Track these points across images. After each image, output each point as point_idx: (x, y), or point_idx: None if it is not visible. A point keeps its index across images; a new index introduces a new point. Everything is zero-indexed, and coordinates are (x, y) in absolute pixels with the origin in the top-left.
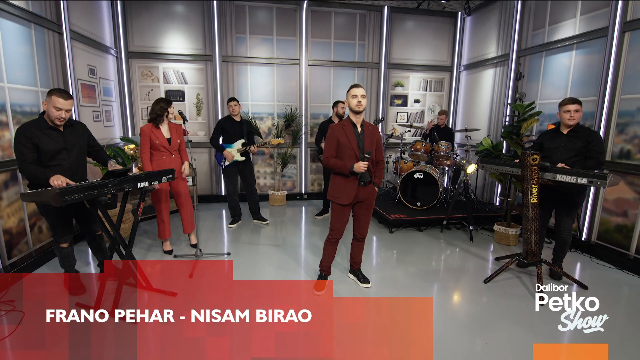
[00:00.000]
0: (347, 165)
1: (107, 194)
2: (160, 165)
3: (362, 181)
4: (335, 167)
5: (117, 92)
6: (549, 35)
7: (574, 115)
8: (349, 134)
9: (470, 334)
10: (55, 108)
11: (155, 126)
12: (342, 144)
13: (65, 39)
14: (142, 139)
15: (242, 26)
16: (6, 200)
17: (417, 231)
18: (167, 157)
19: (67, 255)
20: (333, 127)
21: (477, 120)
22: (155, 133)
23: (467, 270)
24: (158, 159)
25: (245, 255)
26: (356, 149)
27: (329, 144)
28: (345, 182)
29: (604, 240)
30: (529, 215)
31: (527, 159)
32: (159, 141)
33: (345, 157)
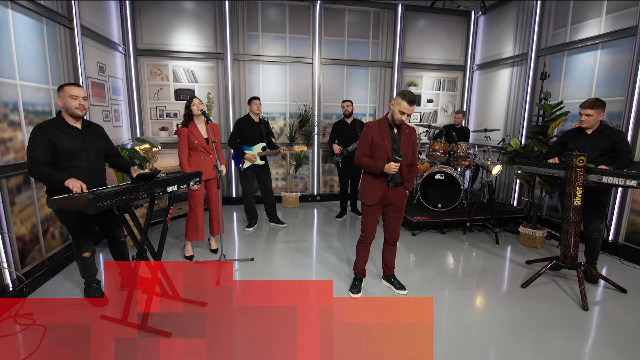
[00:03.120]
0: (379, 164)
1: (139, 199)
2: (198, 166)
3: (393, 182)
4: (367, 166)
5: (125, 91)
6: (571, 35)
7: (584, 120)
8: (384, 134)
9: (520, 341)
10: (72, 97)
11: (184, 125)
12: (376, 143)
13: (76, 35)
14: (180, 139)
15: (254, 23)
16: (19, 205)
17: (439, 233)
18: (205, 157)
19: (89, 265)
20: (369, 125)
21: (492, 120)
22: (194, 132)
23: (501, 274)
24: (196, 159)
25: (270, 260)
26: (389, 151)
27: (363, 142)
28: (373, 182)
29: (632, 241)
30: (570, 218)
31: (573, 160)
32: (198, 141)
33: (377, 157)
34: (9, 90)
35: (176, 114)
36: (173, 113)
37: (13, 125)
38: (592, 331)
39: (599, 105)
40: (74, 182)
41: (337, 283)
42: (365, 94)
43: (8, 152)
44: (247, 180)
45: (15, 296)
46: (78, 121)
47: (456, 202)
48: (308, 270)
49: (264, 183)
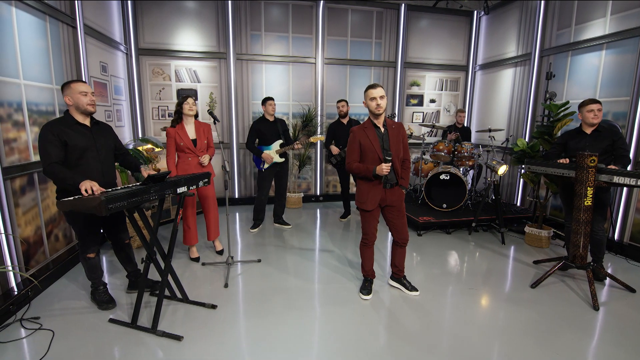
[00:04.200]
0: (370, 168)
1: (150, 200)
2: (185, 168)
3: (389, 184)
4: (358, 172)
5: (127, 91)
6: (575, 35)
7: (597, 114)
8: (371, 136)
9: (534, 342)
10: (82, 93)
11: (172, 126)
12: (364, 147)
13: (79, 33)
14: (167, 140)
15: (257, 23)
16: (22, 207)
17: (444, 234)
18: (193, 159)
19: (94, 266)
20: (354, 130)
21: (494, 120)
22: (180, 134)
23: (510, 275)
24: (184, 161)
25: (276, 261)
26: (380, 151)
27: (351, 148)
28: (369, 186)
29: (638, 241)
30: (581, 218)
31: (584, 160)
32: (184, 142)
33: (368, 160)
34: (13, 90)
35: None
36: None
37: (17, 125)
38: (605, 331)
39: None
40: (87, 184)
41: (346, 285)
42: None
43: (12, 153)
44: (264, 181)
45: (21, 299)
46: (87, 119)
47: (461, 202)
48: (315, 272)
49: (280, 183)
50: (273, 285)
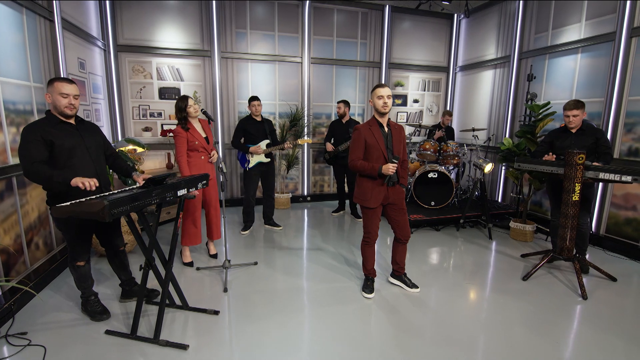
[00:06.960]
0: (375, 167)
1: (152, 204)
2: (199, 168)
3: (391, 182)
4: (363, 170)
5: (105, 89)
6: (552, 39)
7: (572, 120)
8: (377, 134)
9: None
10: (62, 95)
11: (183, 127)
12: (369, 145)
13: (57, 27)
14: (177, 140)
15: (243, 21)
16: (1, 214)
17: (434, 231)
18: (206, 157)
19: (84, 275)
20: (359, 128)
21: (475, 119)
22: (193, 133)
23: (500, 268)
24: (196, 160)
25: (273, 263)
26: (384, 150)
27: (356, 146)
28: (373, 184)
29: (613, 232)
30: (568, 213)
31: (573, 158)
32: (199, 141)
33: (372, 158)
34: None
35: (160, 113)
36: (157, 112)
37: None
38: (597, 318)
39: (581, 105)
40: (82, 179)
41: (346, 284)
42: (354, 93)
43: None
44: (250, 181)
45: (4, 314)
46: (70, 118)
47: (449, 200)
48: (313, 272)
49: (267, 184)
50: (273, 288)
